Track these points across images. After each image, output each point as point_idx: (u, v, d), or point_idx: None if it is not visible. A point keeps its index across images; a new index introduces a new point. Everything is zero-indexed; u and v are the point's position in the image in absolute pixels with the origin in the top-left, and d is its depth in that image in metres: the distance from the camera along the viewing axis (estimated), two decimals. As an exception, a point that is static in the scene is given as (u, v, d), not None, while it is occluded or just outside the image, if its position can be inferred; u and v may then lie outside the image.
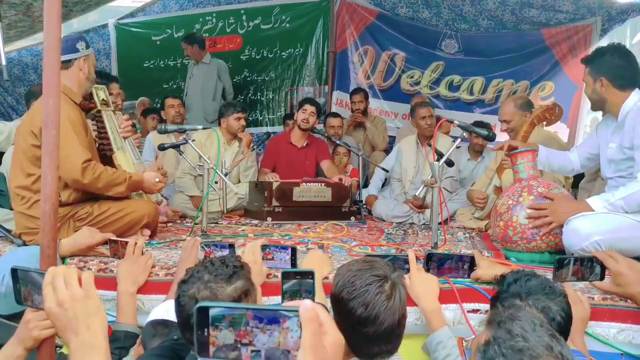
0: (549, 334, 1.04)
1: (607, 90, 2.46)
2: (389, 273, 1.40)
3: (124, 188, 2.64)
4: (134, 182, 2.70)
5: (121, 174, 2.66)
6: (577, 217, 2.28)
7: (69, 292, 1.09)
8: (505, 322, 1.09)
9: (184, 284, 1.41)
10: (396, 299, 1.36)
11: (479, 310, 1.97)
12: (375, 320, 1.33)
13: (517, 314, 1.11)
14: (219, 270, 1.41)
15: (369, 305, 1.33)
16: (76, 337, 1.07)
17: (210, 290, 1.37)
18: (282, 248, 2.16)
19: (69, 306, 1.07)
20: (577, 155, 2.84)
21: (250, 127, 6.21)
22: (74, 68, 2.66)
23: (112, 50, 6.74)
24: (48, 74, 1.48)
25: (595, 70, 2.50)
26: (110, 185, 2.59)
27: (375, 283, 1.36)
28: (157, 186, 2.83)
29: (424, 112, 4.24)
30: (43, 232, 1.45)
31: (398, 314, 1.36)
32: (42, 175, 1.45)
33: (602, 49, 2.58)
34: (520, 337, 1.03)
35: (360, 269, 1.41)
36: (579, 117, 5.85)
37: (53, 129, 1.47)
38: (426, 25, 6.16)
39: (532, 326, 1.06)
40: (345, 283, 1.39)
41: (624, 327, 1.87)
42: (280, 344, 0.73)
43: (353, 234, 3.30)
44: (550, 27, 5.78)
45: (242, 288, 1.41)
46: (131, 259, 2.14)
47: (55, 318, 1.08)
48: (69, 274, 1.11)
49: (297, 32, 6.38)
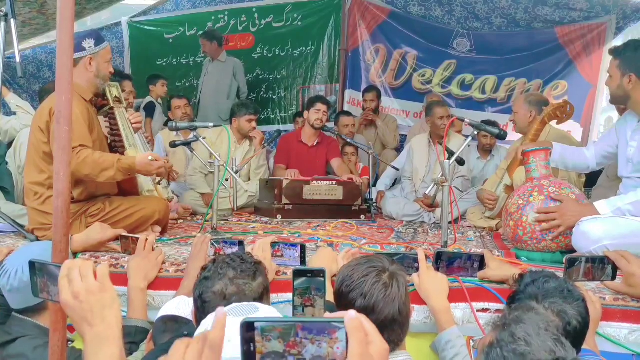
0: (554, 339, 1.03)
1: (635, 87, 2.37)
2: (388, 265, 1.42)
3: (113, 172, 2.49)
4: (126, 165, 2.54)
5: (109, 158, 2.52)
6: (588, 219, 2.26)
7: (84, 284, 1.10)
8: (510, 324, 1.08)
9: (206, 281, 1.41)
10: (394, 288, 1.37)
11: (489, 309, 1.96)
12: (375, 309, 1.34)
13: (523, 316, 1.10)
14: (243, 267, 1.42)
15: (367, 294, 1.35)
16: (91, 329, 1.09)
17: (238, 287, 1.37)
18: (292, 245, 2.17)
19: (84, 298, 1.09)
20: (593, 152, 2.78)
21: (262, 125, 6.21)
22: (79, 67, 2.63)
23: (125, 48, 6.78)
24: (60, 71, 1.49)
25: (626, 64, 2.39)
26: (98, 169, 2.47)
27: (373, 273, 1.38)
28: (153, 165, 2.59)
29: (442, 112, 4.25)
30: (55, 227, 1.46)
31: (398, 302, 1.36)
32: (54, 171, 1.46)
33: (636, 42, 2.45)
34: (523, 341, 1.02)
35: (358, 263, 1.43)
36: (593, 116, 5.80)
37: (65, 125, 1.48)
38: (438, 23, 6.13)
39: (537, 330, 1.04)
40: (344, 278, 1.41)
41: (636, 328, 1.85)
42: (329, 355, 0.74)
43: (363, 232, 3.30)
44: (564, 25, 5.72)
45: (264, 284, 1.43)
46: (142, 255, 2.16)
47: (71, 310, 1.10)
48: (84, 267, 1.12)
49: (309, 30, 6.38)
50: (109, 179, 2.54)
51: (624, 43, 2.54)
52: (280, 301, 2.04)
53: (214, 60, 5.89)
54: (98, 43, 2.70)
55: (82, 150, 2.47)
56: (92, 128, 2.66)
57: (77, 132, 2.49)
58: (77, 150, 2.45)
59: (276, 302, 2.04)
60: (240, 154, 4.28)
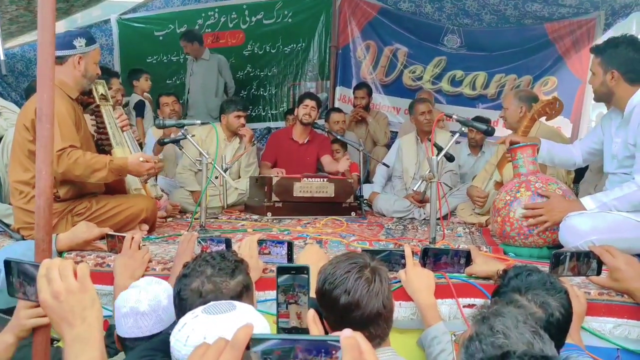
0: (532, 331, 1.04)
1: (618, 83, 2.38)
2: (369, 260, 1.44)
3: (105, 173, 2.50)
4: (117, 167, 2.55)
5: (101, 159, 2.52)
6: (575, 215, 2.28)
7: (64, 284, 1.08)
8: (489, 317, 1.08)
9: (185, 278, 1.40)
10: (377, 282, 1.39)
11: (475, 305, 1.96)
12: (360, 305, 1.36)
13: (502, 310, 1.11)
14: (221, 265, 1.41)
15: (351, 291, 1.36)
16: (71, 329, 1.07)
17: (215, 285, 1.37)
18: (279, 243, 2.16)
19: (64, 298, 1.07)
20: (579, 149, 2.80)
21: (253, 123, 6.21)
22: (68, 64, 2.62)
23: (114, 45, 6.74)
24: (42, 68, 1.48)
25: (607, 61, 2.40)
26: (90, 170, 2.47)
27: (355, 270, 1.39)
28: (144, 166, 2.61)
29: (423, 107, 4.28)
30: (37, 226, 1.45)
31: (382, 297, 1.38)
32: (36, 170, 1.45)
33: (616, 39, 2.46)
34: (501, 333, 1.03)
35: (339, 261, 1.45)
36: (582, 112, 5.83)
37: (47, 123, 1.47)
38: (429, 20, 6.14)
39: (515, 323, 1.05)
40: (326, 276, 1.42)
41: (620, 322, 1.86)
42: None
43: (353, 229, 3.30)
44: (553, 21, 5.74)
45: (244, 282, 1.42)
46: (128, 253, 2.15)
47: (50, 310, 1.08)
48: (64, 266, 1.10)
49: (299, 27, 6.36)
50: (101, 179, 2.54)
51: (605, 40, 2.55)
52: (267, 299, 2.03)
53: (198, 60, 5.89)
54: (89, 43, 2.69)
55: (72, 151, 2.46)
56: (79, 126, 2.64)
57: (65, 132, 2.48)
58: (68, 151, 2.44)
59: (263, 300, 2.03)
60: (230, 152, 4.27)
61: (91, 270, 2.17)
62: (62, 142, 2.44)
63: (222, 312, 1.08)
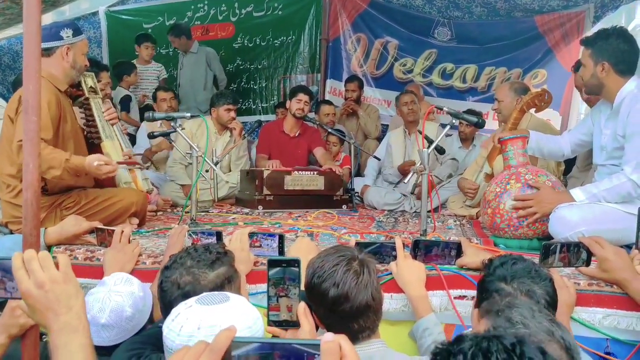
0: (549, 319, 1.04)
1: (608, 75, 2.39)
2: (356, 253, 1.44)
3: (59, 172, 2.40)
4: (73, 166, 2.44)
5: (58, 156, 2.41)
6: (564, 206, 2.29)
7: (47, 274, 1.08)
8: (503, 310, 1.08)
9: (166, 270, 1.42)
10: (365, 275, 1.39)
11: (466, 296, 1.97)
12: (349, 297, 1.36)
13: (514, 301, 1.11)
14: (202, 257, 1.41)
15: (340, 284, 1.36)
16: (57, 318, 1.07)
17: (193, 276, 1.37)
18: (270, 235, 2.16)
19: (49, 287, 1.07)
20: (568, 140, 2.81)
21: (243, 116, 6.18)
22: (56, 56, 2.60)
23: (103, 38, 6.64)
24: (28, 59, 1.45)
25: (598, 53, 2.40)
26: (45, 167, 2.36)
27: (343, 262, 1.39)
28: (101, 170, 2.48)
29: (406, 98, 4.39)
30: (25, 220, 1.43)
31: (371, 289, 1.39)
32: (23, 163, 1.43)
33: (607, 31, 2.45)
34: (521, 324, 1.02)
35: (327, 254, 1.45)
36: (572, 104, 5.85)
37: (34, 115, 1.44)
38: (419, 12, 6.13)
39: (531, 312, 1.05)
40: (315, 269, 1.42)
41: (610, 313, 1.87)
42: None
43: (344, 221, 3.30)
44: (543, 14, 5.75)
45: (225, 274, 1.42)
46: (117, 247, 2.14)
47: (35, 300, 1.08)
48: (44, 258, 1.10)
49: (289, 19, 6.33)
50: (55, 177, 2.43)
51: (595, 32, 2.55)
52: (258, 292, 2.03)
53: (187, 53, 5.87)
54: (76, 34, 2.67)
55: None
56: (65, 119, 2.61)
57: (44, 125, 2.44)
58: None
59: (254, 293, 2.03)
60: (221, 145, 4.25)
61: (81, 264, 2.19)
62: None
63: (216, 303, 1.08)
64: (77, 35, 2.68)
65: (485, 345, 0.76)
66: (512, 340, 0.77)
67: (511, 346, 0.76)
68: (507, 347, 0.76)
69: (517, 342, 0.77)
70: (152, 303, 1.74)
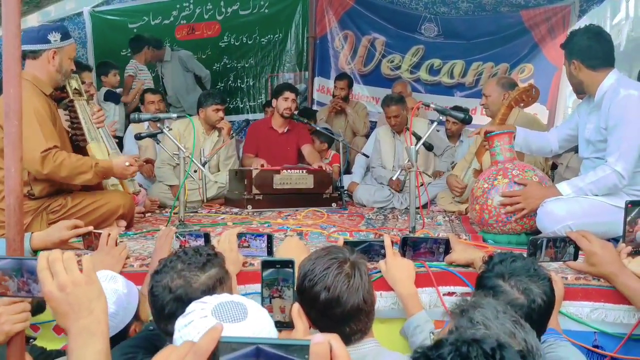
0: (512, 321, 1.03)
1: (580, 71, 2.45)
2: (348, 255, 1.43)
3: (90, 175, 2.52)
4: (103, 169, 2.57)
5: (87, 161, 2.53)
6: (552, 200, 2.31)
7: (70, 276, 1.08)
8: (468, 310, 1.08)
9: (157, 274, 1.40)
10: (357, 277, 1.38)
11: (455, 293, 1.98)
12: (340, 301, 1.35)
13: (481, 301, 1.10)
14: (193, 259, 1.40)
15: (331, 287, 1.35)
16: (77, 321, 1.07)
17: (184, 279, 1.36)
18: (258, 236, 2.15)
19: (71, 290, 1.07)
20: (555, 136, 2.83)
21: (231, 115, 6.16)
22: (42, 59, 2.57)
23: (88, 39, 6.58)
24: (8, 62, 1.43)
25: (569, 52, 2.50)
26: (75, 173, 2.48)
27: (334, 265, 1.38)
28: (129, 170, 2.67)
29: (389, 112, 4.27)
30: (8, 225, 1.41)
31: (362, 292, 1.37)
32: (5, 168, 1.42)
33: (574, 31, 2.58)
34: (482, 324, 1.02)
35: (318, 256, 1.43)
36: (559, 98, 5.89)
37: (15, 119, 1.43)
38: (406, 9, 6.13)
39: (495, 313, 1.05)
40: (306, 272, 1.41)
41: (597, 306, 1.89)
42: None
43: (333, 220, 3.30)
44: (529, 8, 5.78)
45: (217, 276, 1.40)
46: (105, 250, 2.12)
47: (57, 302, 1.08)
48: (68, 260, 1.11)
49: (276, 17, 6.31)
50: (85, 182, 2.56)
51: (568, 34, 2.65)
52: (247, 292, 2.02)
53: (163, 62, 5.85)
54: (64, 38, 2.64)
55: (57, 152, 2.44)
56: (54, 123, 2.59)
57: (47, 131, 2.47)
58: (53, 152, 2.42)
59: (243, 294, 2.01)
60: (209, 145, 4.23)
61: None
62: (46, 142, 2.42)
63: (232, 321, 1.02)
64: (66, 39, 2.65)
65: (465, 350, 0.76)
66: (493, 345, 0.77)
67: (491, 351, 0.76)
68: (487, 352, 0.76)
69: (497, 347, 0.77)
70: (138, 301, 1.72)
